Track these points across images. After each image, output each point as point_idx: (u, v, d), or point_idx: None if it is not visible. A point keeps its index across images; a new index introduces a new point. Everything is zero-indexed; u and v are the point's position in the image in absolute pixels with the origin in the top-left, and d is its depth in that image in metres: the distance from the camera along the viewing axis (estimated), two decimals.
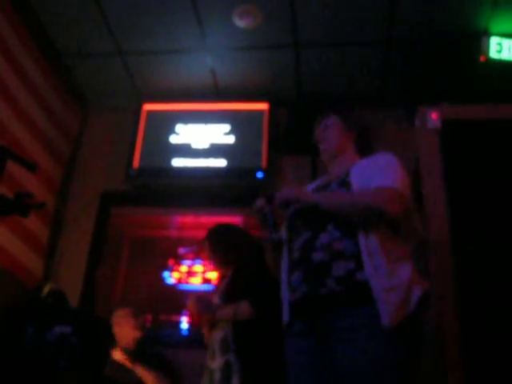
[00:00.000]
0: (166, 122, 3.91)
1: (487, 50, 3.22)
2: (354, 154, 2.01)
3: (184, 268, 3.89)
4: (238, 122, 3.84)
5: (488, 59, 3.21)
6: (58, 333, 1.87)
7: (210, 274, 3.80)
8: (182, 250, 3.89)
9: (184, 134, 3.85)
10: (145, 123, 3.91)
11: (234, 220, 3.69)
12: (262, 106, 3.87)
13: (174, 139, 3.84)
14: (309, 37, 3.46)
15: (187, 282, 3.85)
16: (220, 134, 3.82)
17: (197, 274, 3.87)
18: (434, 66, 3.44)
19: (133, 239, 4.12)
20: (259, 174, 3.62)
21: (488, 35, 3.26)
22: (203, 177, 3.71)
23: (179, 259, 3.91)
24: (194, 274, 3.87)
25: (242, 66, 3.73)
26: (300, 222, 1.85)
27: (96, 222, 3.75)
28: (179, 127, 3.87)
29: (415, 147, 2.75)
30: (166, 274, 3.88)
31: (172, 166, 3.75)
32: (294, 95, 3.90)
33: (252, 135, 3.78)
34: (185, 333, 3.61)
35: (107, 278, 3.75)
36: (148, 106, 3.98)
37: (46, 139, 3.61)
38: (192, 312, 2.50)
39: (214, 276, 3.74)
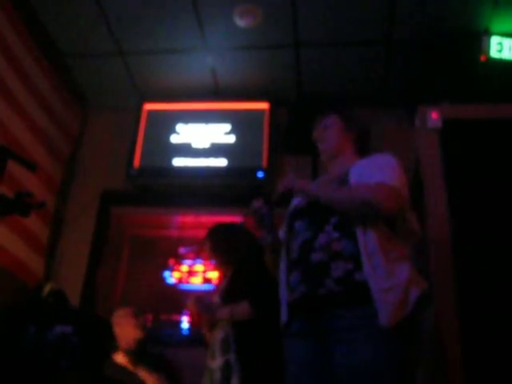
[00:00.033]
0: (167, 122, 3.91)
1: (488, 50, 3.22)
2: (353, 153, 2.00)
3: (184, 268, 3.89)
4: (238, 122, 3.84)
5: (488, 59, 3.21)
6: (59, 332, 1.87)
7: (211, 274, 3.80)
8: (182, 250, 3.88)
9: (184, 133, 3.85)
10: (145, 123, 3.91)
11: (235, 220, 3.68)
12: (263, 105, 3.87)
13: (174, 139, 3.84)
14: (309, 37, 3.46)
15: (188, 282, 3.84)
16: (220, 133, 3.82)
17: (197, 274, 3.87)
18: (434, 65, 3.43)
19: (133, 239, 4.11)
20: (260, 174, 3.62)
21: (489, 35, 3.25)
22: (204, 176, 3.71)
23: (180, 259, 3.90)
24: (195, 274, 3.87)
25: (242, 65, 3.73)
26: (299, 222, 1.85)
27: (96, 221, 3.75)
28: (180, 127, 3.87)
29: (415, 147, 2.75)
30: (166, 273, 3.88)
31: (172, 166, 3.75)
32: (294, 95, 3.90)
33: (252, 135, 3.78)
34: (185, 332, 3.61)
35: (108, 277, 3.74)
36: (148, 106, 3.98)
37: (47, 139, 3.61)
38: (192, 312, 2.51)
39: (214, 276, 3.75)
